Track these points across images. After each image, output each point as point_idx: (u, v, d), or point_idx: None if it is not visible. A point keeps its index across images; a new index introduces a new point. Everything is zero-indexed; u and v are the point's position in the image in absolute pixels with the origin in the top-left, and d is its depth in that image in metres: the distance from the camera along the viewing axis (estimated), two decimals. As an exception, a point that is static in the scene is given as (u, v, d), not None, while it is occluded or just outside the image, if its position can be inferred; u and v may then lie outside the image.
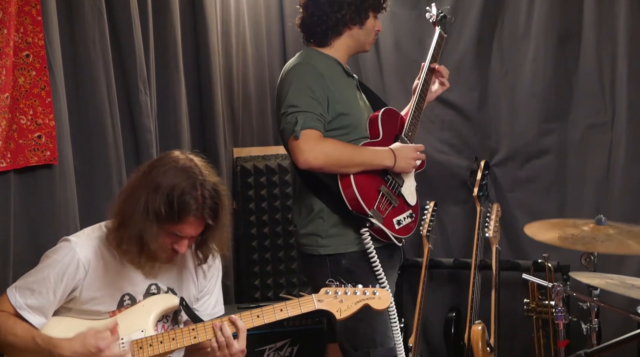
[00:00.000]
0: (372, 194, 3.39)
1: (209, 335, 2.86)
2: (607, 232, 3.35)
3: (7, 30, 3.30)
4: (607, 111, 4.25)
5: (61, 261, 2.83)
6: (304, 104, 3.36)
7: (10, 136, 3.37)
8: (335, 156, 3.35)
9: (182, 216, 2.74)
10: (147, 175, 2.84)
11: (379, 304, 2.97)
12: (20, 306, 2.81)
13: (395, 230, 3.43)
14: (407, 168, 3.48)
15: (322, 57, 3.54)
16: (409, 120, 3.60)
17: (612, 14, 4.18)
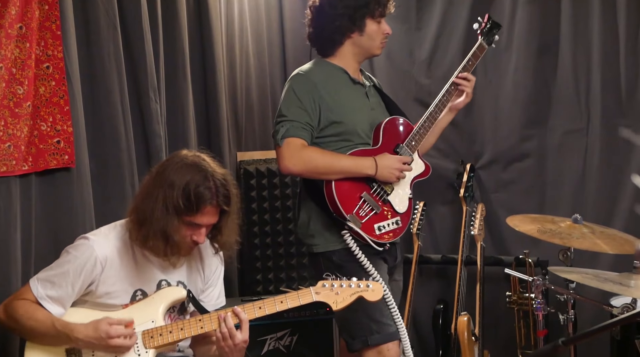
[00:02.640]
0: (353, 200, 3.37)
1: (214, 325, 2.88)
2: (581, 230, 3.40)
3: (29, 44, 3.34)
4: (582, 118, 4.26)
5: (80, 258, 2.85)
6: (291, 113, 3.37)
7: (32, 141, 3.41)
8: (314, 164, 3.35)
9: (200, 206, 2.79)
10: (160, 175, 2.88)
11: (373, 296, 2.99)
12: (42, 296, 2.84)
13: (375, 235, 3.38)
14: (390, 178, 3.42)
15: (324, 67, 3.51)
16: (416, 129, 3.53)
17: (586, 29, 4.20)
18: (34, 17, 3.36)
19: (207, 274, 3.12)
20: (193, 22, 4.33)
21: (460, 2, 4.52)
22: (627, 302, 3.44)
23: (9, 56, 3.27)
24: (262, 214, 4.40)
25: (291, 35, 4.78)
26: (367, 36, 3.49)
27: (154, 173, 2.93)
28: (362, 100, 3.54)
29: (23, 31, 3.33)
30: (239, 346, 2.87)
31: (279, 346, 4.02)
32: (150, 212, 2.83)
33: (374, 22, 3.48)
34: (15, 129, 3.32)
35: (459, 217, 4.37)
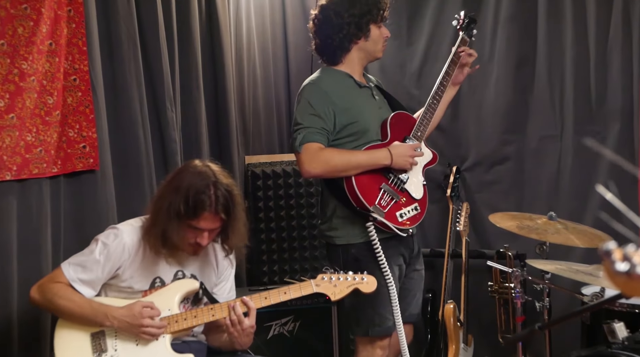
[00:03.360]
0: (374, 192, 3.28)
1: (225, 313, 2.90)
2: (556, 226, 3.42)
3: (58, 59, 3.37)
4: (556, 125, 4.27)
5: (110, 245, 2.89)
6: (306, 121, 3.30)
7: (60, 146, 3.44)
8: (332, 163, 3.27)
9: (198, 212, 2.80)
10: (170, 181, 2.92)
11: (367, 288, 3.02)
12: (74, 279, 2.88)
13: (398, 222, 3.31)
14: (404, 165, 3.34)
15: (331, 74, 3.44)
16: (419, 120, 3.46)
17: (560, 44, 4.21)
18: (62, 34, 3.39)
19: (220, 270, 3.14)
20: (205, 39, 4.33)
21: (447, 20, 4.50)
22: (597, 291, 3.45)
23: (40, 70, 3.30)
24: (268, 212, 4.40)
25: (294, 49, 4.79)
26: (371, 41, 3.43)
27: (167, 180, 2.97)
28: (369, 101, 3.48)
29: (53, 47, 3.36)
30: (247, 331, 2.90)
31: (283, 331, 4.02)
32: (156, 214, 2.88)
33: (376, 27, 3.43)
34: (45, 135, 3.35)
35: (446, 215, 4.36)
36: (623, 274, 1.06)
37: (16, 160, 3.24)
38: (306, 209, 4.46)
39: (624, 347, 3.11)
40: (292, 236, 4.46)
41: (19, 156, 3.25)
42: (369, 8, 3.40)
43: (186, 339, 3.04)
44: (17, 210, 3.28)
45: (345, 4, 3.39)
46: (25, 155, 3.27)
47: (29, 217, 3.33)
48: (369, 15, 3.39)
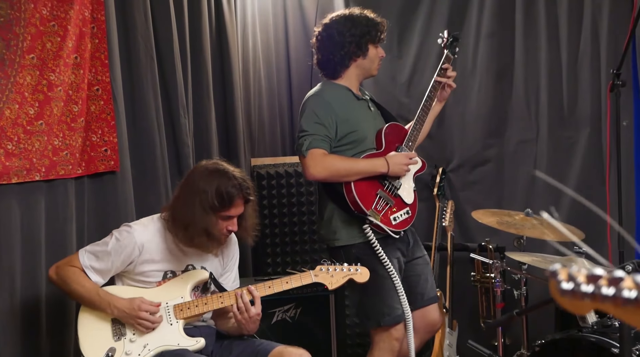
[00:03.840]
0: (371, 197, 3.29)
1: (232, 301, 2.93)
2: (532, 222, 3.44)
3: (82, 71, 3.39)
4: (532, 130, 4.28)
5: (122, 241, 2.92)
6: (311, 128, 3.30)
7: (84, 150, 3.46)
8: (335, 169, 3.28)
9: (232, 201, 2.87)
10: (189, 185, 2.95)
11: (361, 278, 3.04)
12: (86, 265, 2.90)
13: (392, 225, 3.31)
14: (400, 172, 3.35)
15: (333, 87, 3.44)
16: (409, 132, 3.47)
17: (536, 57, 4.23)
18: (86, 49, 3.41)
19: (225, 262, 3.15)
20: (215, 53, 4.34)
21: (434, 36, 4.46)
22: (569, 280, 3.48)
23: (66, 81, 3.32)
24: (272, 210, 4.40)
25: (295, 62, 4.79)
26: (368, 59, 3.44)
27: (184, 185, 2.99)
28: (366, 112, 3.49)
29: (78, 60, 3.38)
30: (253, 317, 2.92)
31: (286, 317, 4.02)
32: (191, 216, 2.88)
33: (374, 47, 3.43)
34: (71, 140, 3.37)
35: (433, 212, 4.35)
36: (568, 292, 1.06)
37: (44, 163, 3.26)
38: (306, 207, 4.46)
39: (594, 331, 3.12)
40: (294, 231, 4.45)
41: (47, 159, 3.27)
42: (368, 29, 3.40)
43: (197, 324, 3.05)
44: (45, 207, 3.29)
45: (348, 24, 3.39)
46: (52, 158, 3.29)
47: (56, 214, 3.34)
48: (368, 36, 3.40)
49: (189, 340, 2.91)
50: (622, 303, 1.01)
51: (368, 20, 3.42)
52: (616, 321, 3.09)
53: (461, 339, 4.13)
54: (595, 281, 1.04)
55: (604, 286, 1.03)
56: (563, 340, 3.19)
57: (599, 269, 1.04)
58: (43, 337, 3.27)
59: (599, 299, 1.03)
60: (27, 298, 3.22)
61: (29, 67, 3.19)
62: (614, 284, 1.02)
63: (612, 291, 1.02)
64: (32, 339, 3.24)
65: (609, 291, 1.02)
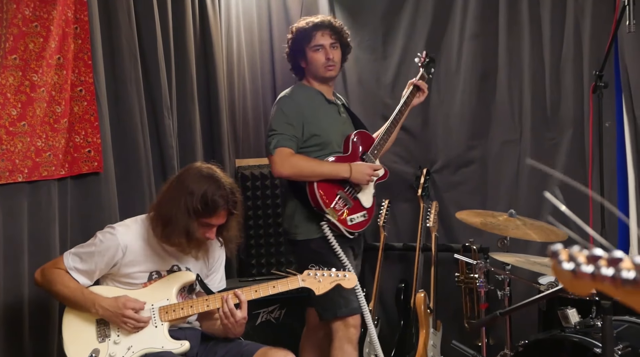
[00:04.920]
0: (331, 197, 3.45)
1: (218, 304, 2.91)
2: (516, 222, 3.45)
3: (66, 72, 3.37)
4: (516, 131, 4.28)
5: (105, 243, 2.90)
6: (280, 128, 3.45)
7: (68, 151, 3.44)
8: (300, 169, 3.44)
9: (216, 210, 2.83)
10: (180, 184, 2.92)
11: (348, 284, 3.06)
12: (71, 267, 2.89)
13: (347, 225, 3.47)
14: (362, 181, 3.51)
15: (304, 90, 3.61)
16: (377, 141, 3.63)
17: (519, 59, 4.23)
18: (69, 49, 3.39)
19: (210, 262, 3.14)
20: (199, 54, 4.34)
21: (418, 38, 4.54)
22: (552, 281, 3.49)
23: (49, 81, 3.30)
24: (257, 210, 4.40)
25: (280, 64, 4.78)
26: (312, 64, 3.59)
27: (174, 181, 2.97)
28: (335, 117, 3.63)
29: (61, 61, 3.36)
30: (239, 322, 2.91)
31: (270, 317, 4.03)
32: (174, 215, 2.86)
33: (311, 51, 3.57)
34: (54, 141, 3.35)
35: (417, 212, 4.37)
36: (569, 272, 1.08)
37: (27, 164, 3.24)
38: (291, 208, 4.46)
39: (576, 331, 3.13)
40: (279, 231, 4.43)
41: (30, 160, 3.25)
42: (302, 36, 3.59)
43: (182, 326, 3.04)
44: (27, 209, 3.28)
45: (289, 36, 3.65)
46: (35, 159, 3.27)
47: (39, 215, 3.32)
48: (302, 42, 3.58)
49: (173, 343, 2.90)
50: (621, 283, 1.03)
51: (299, 31, 3.61)
52: (599, 321, 3.11)
53: (445, 340, 4.14)
54: (595, 261, 1.06)
55: (604, 267, 1.05)
56: (546, 340, 3.20)
57: (599, 250, 1.07)
58: (26, 339, 3.25)
59: (599, 279, 1.05)
60: (10, 300, 3.20)
61: (11, 68, 3.17)
62: (613, 265, 1.05)
63: (611, 272, 1.04)
64: (15, 340, 3.22)
65: (608, 271, 1.05)
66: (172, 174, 3.73)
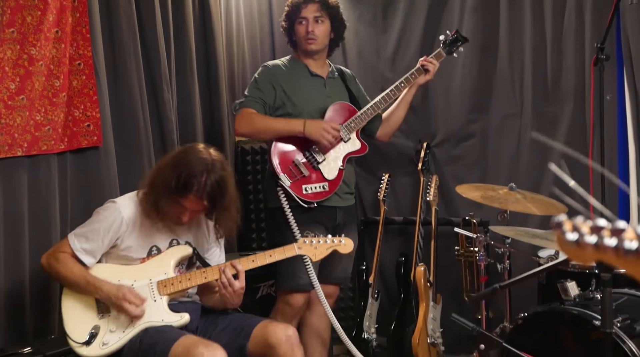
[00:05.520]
0: (287, 163, 3.49)
1: (216, 275, 2.92)
2: (516, 196, 3.46)
3: (64, 45, 3.36)
4: (516, 105, 4.27)
5: (109, 217, 2.90)
6: (249, 92, 3.60)
7: (67, 125, 3.44)
8: (254, 125, 3.51)
9: (185, 192, 2.79)
10: (173, 158, 2.92)
11: (344, 249, 3.08)
12: (77, 248, 2.88)
13: (302, 194, 3.48)
14: (317, 136, 3.48)
15: (290, 61, 3.71)
16: (357, 114, 3.62)
17: (520, 32, 4.21)
18: (67, 23, 3.38)
19: (211, 237, 3.15)
20: (198, 27, 4.32)
21: (418, 11, 4.53)
22: (552, 254, 3.51)
23: (47, 55, 3.29)
24: (256, 184, 4.40)
25: (279, 37, 4.74)
26: (297, 37, 3.67)
27: (172, 154, 2.98)
28: (317, 89, 3.66)
29: (59, 34, 3.35)
30: (237, 292, 2.92)
31: (270, 291, 4.03)
32: (153, 184, 2.88)
33: (296, 24, 3.66)
34: (53, 115, 3.35)
35: (418, 186, 4.36)
36: (572, 243, 1.09)
37: (26, 138, 3.23)
38: (291, 182, 4.46)
39: (575, 303, 3.15)
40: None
41: (29, 134, 3.25)
42: (293, 9, 3.66)
43: (182, 299, 3.06)
44: (27, 183, 3.28)
45: (286, 8, 3.72)
46: (34, 133, 3.27)
47: (39, 189, 3.33)
48: (292, 16, 3.65)
49: (173, 316, 2.91)
50: (624, 253, 1.05)
51: (292, 4, 3.67)
52: (598, 294, 3.12)
53: (445, 313, 4.15)
54: (598, 232, 1.08)
55: (607, 237, 1.07)
56: (546, 313, 3.21)
57: (602, 220, 1.08)
58: (27, 316, 3.27)
59: (602, 250, 1.07)
60: (11, 275, 3.21)
61: (9, 42, 3.15)
62: (616, 235, 1.06)
63: (614, 242, 1.06)
64: (16, 316, 3.24)
65: (612, 241, 1.06)
66: (172, 149, 3.76)
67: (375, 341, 4.17)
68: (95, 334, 2.85)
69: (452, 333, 4.17)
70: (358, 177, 4.72)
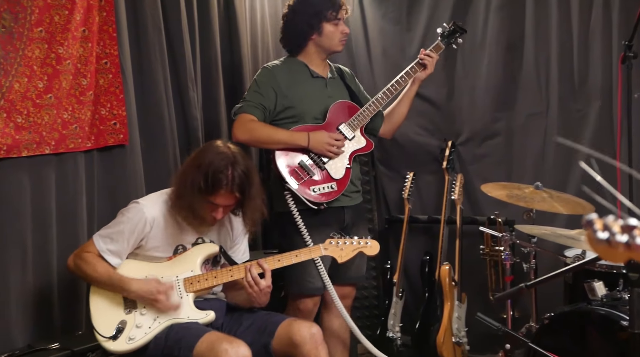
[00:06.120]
0: (292, 165, 3.41)
1: (242, 274, 2.94)
2: (541, 195, 3.44)
3: (91, 44, 3.38)
4: (542, 103, 4.24)
5: (133, 219, 2.91)
6: (249, 96, 3.50)
7: (94, 123, 3.46)
8: (256, 135, 3.43)
9: (215, 189, 2.82)
10: (194, 158, 2.94)
11: (370, 251, 3.07)
12: (103, 250, 2.91)
13: (310, 196, 3.40)
14: (322, 151, 3.43)
15: (289, 62, 3.61)
16: (360, 111, 3.55)
17: (546, 30, 4.19)
18: (94, 22, 3.40)
19: (234, 235, 3.16)
20: (223, 25, 4.32)
21: (443, 8, 4.51)
22: (578, 253, 3.48)
23: (75, 54, 3.31)
24: (281, 182, 4.40)
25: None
26: (325, 37, 3.56)
27: (191, 156, 2.98)
28: (319, 90, 3.58)
29: (86, 33, 3.37)
30: (264, 290, 2.94)
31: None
32: (182, 188, 2.89)
33: (331, 25, 3.54)
34: (80, 113, 3.37)
35: (442, 185, 4.36)
36: (603, 241, 1.09)
37: (54, 136, 3.26)
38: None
39: (603, 303, 3.13)
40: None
41: (57, 132, 3.27)
42: (320, 9, 3.52)
43: (207, 296, 3.07)
44: (55, 181, 3.31)
45: (303, 4, 3.55)
46: (62, 131, 3.29)
47: (66, 187, 3.35)
48: (320, 15, 3.52)
49: (198, 313, 2.93)
50: None
51: (321, 1, 3.53)
52: (626, 294, 3.10)
53: (470, 312, 4.15)
54: (629, 231, 1.08)
55: (638, 236, 1.07)
56: (572, 313, 3.19)
57: (634, 220, 1.08)
58: (55, 312, 3.30)
59: (633, 248, 1.07)
60: (39, 273, 3.24)
61: (37, 41, 3.18)
62: None
63: None
64: (44, 313, 3.27)
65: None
66: (197, 146, 3.77)
67: (399, 339, 4.17)
68: (122, 329, 2.88)
69: (477, 332, 4.16)
70: (382, 175, 4.74)
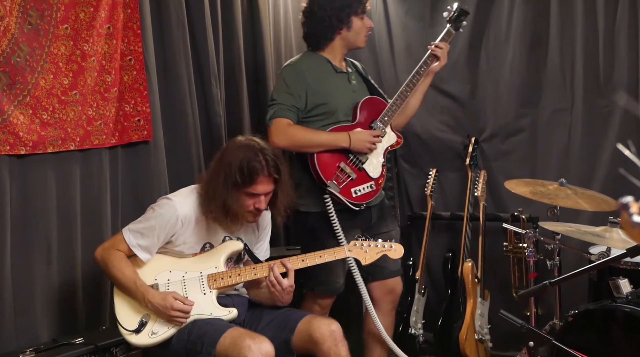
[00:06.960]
0: (332, 169, 3.36)
1: (265, 273, 2.95)
2: (566, 192, 3.41)
3: (115, 41, 3.41)
4: (567, 99, 4.21)
5: (165, 215, 2.92)
6: (280, 97, 3.39)
7: (118, 120, 3.49)
8: (297, 139, 3.36)
9: (254, 177, 2.84)
10: (220, 159, 2.95)
11: (395, 254, 3.07)
12: (133, 244, 2.92)
13: (352, 198, 3.38)
14: (363, 149, 3.40)
15: (311, 58, 3.53)
16: (388, 107, 3.51)
17: (571, 25, 4.15)
18: (119, 19, 3.43)
19: (259, 232, 3.18)
20: (246, 22, 4.33)
21: (467, 4, 4.44)
22: (603, 250, 3.44)
23: (99, 51, 3.34)
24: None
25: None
26: (353, 31, 3.50)
27: (216, 158, 2.99)
28: (344, 85, 3.53)
29: (110, 30, 3.40)
30: (286, 290, 2.94)
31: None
32: (213, 190, 2.89)
33: (358, 19, 3.49)
34: (105, 110, 3.40)
35: (465, 181, 4.35)
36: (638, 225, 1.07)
37: (79, 132, 3.29)
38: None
39: (628, 301, 3.10)
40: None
41: (82, 128, 3.30)
42: (349, 2, 3.46)
43: (230, 293, 3.08)
44: (80, 177, 3.34)
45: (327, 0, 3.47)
46: (87, 127, 3.32)
47: (91, 182, 3.39)
48: (349, 8, 3.46)
49: (221, 310, 2.95)
50: None
51: None
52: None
53: (493, 309, 4.14)
54: None
55: None
56: (597, 310, 3.17)
57: None
58: (79, 307, 3.34)
59: None
60: (64, 268, 3.28)
61: (62, 38, 3.21)
62: None
63: None
64: (69, 309, 3.30)
65: None
66: (220, 143, 3.78)
67: (422, 336, 4.17)
68: (145, 323, 2.90)
69: (500, 330, 4.15)
70: (405, 172, 4.73)
